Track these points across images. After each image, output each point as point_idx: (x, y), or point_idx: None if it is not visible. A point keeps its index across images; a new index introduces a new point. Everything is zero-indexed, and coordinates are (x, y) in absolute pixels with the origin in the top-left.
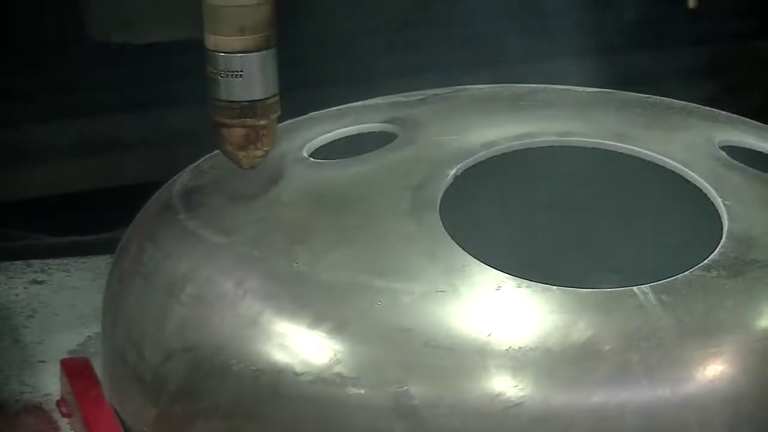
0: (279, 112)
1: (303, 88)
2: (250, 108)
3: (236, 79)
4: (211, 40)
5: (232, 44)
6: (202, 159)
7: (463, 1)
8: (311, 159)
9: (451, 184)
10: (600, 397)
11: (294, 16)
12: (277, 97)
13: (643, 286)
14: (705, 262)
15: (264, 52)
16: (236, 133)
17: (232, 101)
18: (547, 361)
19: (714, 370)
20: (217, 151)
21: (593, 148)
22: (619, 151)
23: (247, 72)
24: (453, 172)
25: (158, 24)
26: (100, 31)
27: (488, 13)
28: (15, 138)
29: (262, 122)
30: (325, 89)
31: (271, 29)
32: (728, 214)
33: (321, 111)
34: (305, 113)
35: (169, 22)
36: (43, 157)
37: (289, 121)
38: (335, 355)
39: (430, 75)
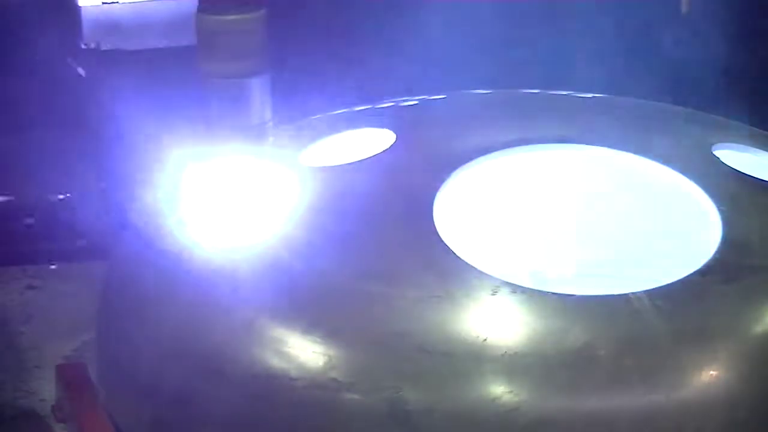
0: (272, 138)
1: None
2: (245, 132)
3: (230, 104)
4: (205, 66)
5: (226, 70)
6: (194, 163)
7: None
8: (307, 164)
9: (446, 189)
10: (595, 402)
11: None
12: (270, 123)
13: (638, 291)
14: (700, 267)
15: (258, 78)
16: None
17: (226, 126)
18: (543, 367)
19: (709, 376)
20: (210, 156)
21: (589, 153)
22: (615, 156)
23: (241, 98)
24: (449, 176)
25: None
26: (92, 38)
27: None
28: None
29: (258, 146)
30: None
31: (264, 55)
32: (723, 219)
33: (316, 116)
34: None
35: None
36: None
37: (285, 125)
38: (330, 360)
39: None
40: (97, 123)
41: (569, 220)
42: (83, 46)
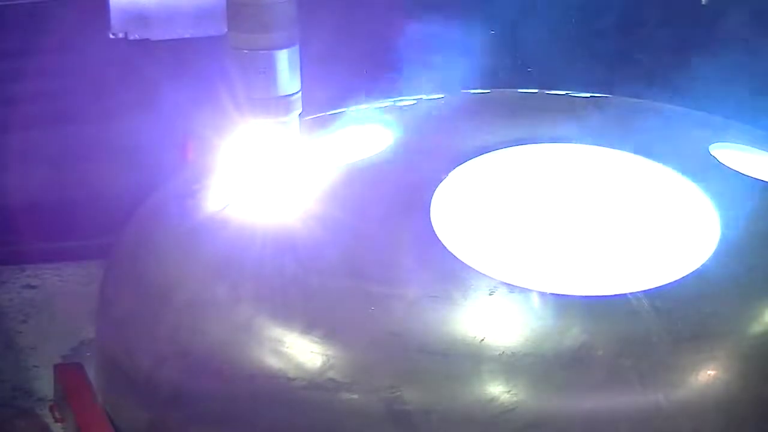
0: (301, 109)
1: None
2: (273, 104)
3: (259, 76)
4: (235, 38)
5: (256, 42)
6: (193, 163)
7: None
8: (305, 163)
9: (443, 189)
10: (593, 402)
11: None
12: (299, 94)
13: (637, 291)
14: (698, 268)
15: (287, 49)
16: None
17: (254, 98)
18: (540, 367)
19: (707, 376)
20: (209, 155)
21: (587, 153)
22: (613, 155)
23: (270, 69)
24: (446, 176)
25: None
26: (120, 28)
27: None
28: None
29: (285, 118)
30: None
31: (294, 27)
32: (722, 220)
33: (316, 115)
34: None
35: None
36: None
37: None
38: (328, 360)
39: None
40: (125, 113)
41: (567, 220)
42: (111, 36)
